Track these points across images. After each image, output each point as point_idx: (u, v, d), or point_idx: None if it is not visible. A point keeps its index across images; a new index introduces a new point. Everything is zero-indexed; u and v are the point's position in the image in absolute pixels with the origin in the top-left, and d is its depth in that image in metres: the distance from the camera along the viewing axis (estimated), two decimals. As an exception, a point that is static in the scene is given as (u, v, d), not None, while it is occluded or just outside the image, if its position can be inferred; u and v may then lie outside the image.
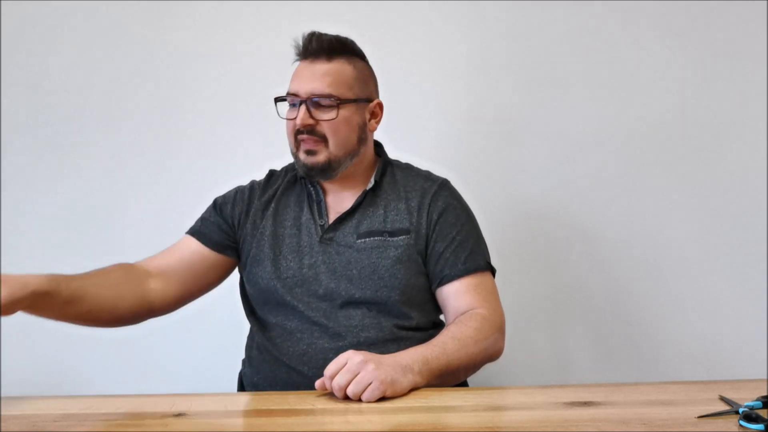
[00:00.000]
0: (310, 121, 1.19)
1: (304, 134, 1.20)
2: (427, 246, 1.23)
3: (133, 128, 1.80)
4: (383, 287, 1.18)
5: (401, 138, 1.51)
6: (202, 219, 1.32)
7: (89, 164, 1.80)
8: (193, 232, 1.30)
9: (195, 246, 1.28)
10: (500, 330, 1.18)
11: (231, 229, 1.29)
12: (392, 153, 1.36)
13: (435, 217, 1.24)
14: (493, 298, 1.21)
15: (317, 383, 0.98)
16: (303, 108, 1.19)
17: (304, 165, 1.22)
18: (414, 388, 1.00)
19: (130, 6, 1.79)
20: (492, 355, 1.16)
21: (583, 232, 1.73)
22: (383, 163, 1.30)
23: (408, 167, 1.34)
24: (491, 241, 1.31)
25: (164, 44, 1.79)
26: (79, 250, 1.80)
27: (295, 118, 1.20)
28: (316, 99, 1.20)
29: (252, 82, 1.77)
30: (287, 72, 1.25)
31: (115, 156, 1.80)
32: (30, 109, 1.81)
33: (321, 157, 1.20)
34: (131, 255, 1.77)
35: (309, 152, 1.21)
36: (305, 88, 1.20)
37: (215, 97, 1.78)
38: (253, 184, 1.34)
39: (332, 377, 0.96)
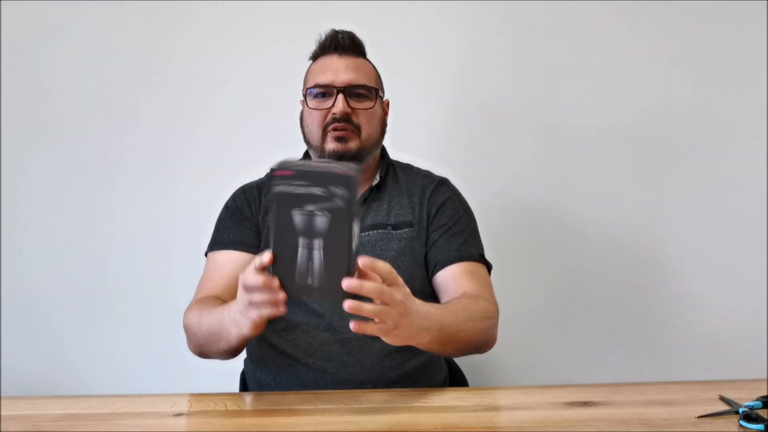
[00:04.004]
0: (349, 110, 1.22)
1: (339, 123, 1.22)
2: (427, 239, 1.25)
3: (133, 128, 1.79)
4: None
5: (398, 137, 1.51)
6: (228, 229, 1.27)
7: (89, 164, 1.80)
8: (228, 244, 1.25)
9: (238, 257, 1.23)
10: (497, 319, 1.17)
11: (258, 225, 1.27)
12: (389, 151, 1.37)
13: (434, 210, 1.26)
14: (489, 288, 1.22)
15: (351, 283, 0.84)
16: (341, 97, 1.21)
17: (335, 153, 1.22)
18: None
19: (130, 6, 1.79)
20: (489, 339, 1.15)
21: (583, 231, 1.73)
22: (387, 162, 1.33)
23: (409, 167, 1.37)
24: (490, 241, 1.31)
25: (164, 44, 1.79)
26: (80, 250, 1.80)
27: (330, 107, 1.22)
28: (353, 89, 1.22)
29: (252, 83, 1.77)
30: (284, 74, 1.24)
31: (116, 156, 1.80)
32: (30, 109, 1.81)
33: (352, 145, 1.23)
34: (131, 254, 1.78)
35: (341, 139, 1.22)
36: (341, 78, 1.23)
37: (216, 97, 1.78)
38: (256, 182, 1.34)
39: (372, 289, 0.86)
